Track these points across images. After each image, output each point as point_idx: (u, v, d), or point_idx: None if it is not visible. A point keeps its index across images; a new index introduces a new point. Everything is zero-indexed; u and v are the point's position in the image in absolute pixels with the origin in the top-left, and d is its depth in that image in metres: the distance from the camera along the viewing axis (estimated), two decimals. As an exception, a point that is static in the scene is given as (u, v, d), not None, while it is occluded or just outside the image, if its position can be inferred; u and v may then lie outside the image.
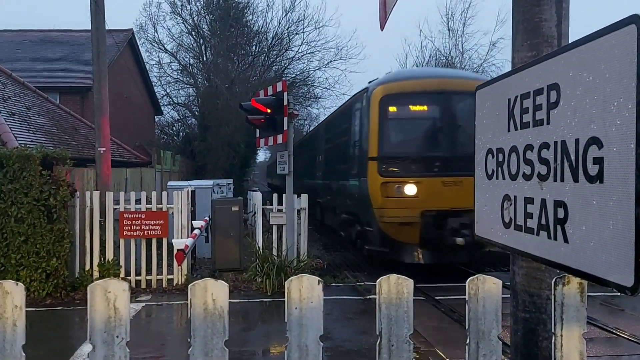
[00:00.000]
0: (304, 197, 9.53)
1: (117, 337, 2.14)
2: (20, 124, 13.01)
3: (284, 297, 2.36)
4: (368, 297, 7.99)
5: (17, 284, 2.10)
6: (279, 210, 9.31)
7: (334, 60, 27.19)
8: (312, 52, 26.56)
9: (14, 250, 7.60)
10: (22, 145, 9.57)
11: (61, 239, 7.84)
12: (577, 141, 1.78)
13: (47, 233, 7.72)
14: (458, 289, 7.47)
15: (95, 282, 2.19)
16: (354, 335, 6.18)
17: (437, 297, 7.87)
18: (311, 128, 31.10)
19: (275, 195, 9.55)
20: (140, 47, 25.59)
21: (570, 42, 2.17)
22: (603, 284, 1.65)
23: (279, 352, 5.75)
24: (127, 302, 2.18)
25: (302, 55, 26.51)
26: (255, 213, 10.08)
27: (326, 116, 17.86)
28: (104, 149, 10.06)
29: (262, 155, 58.33)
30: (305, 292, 2.28)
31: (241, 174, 26.50)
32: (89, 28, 10.37)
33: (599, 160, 1.66)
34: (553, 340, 2.28)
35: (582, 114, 1.76)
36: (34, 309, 7.15)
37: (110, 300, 2.12)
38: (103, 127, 10.10)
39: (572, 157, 1.81)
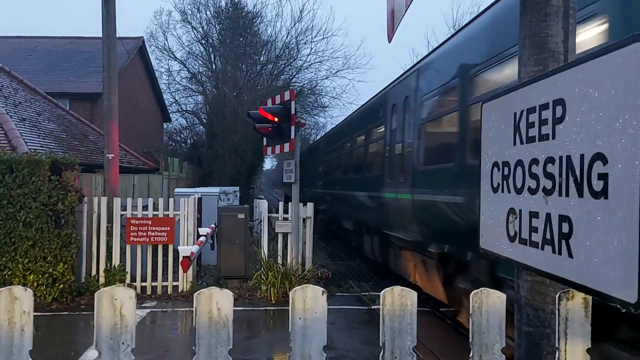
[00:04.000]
0: (310, 205, 9.54)
1: (123, 343, 2.16)
2: (31, 129, 13.14)
3: (289, 306, 2.37)
4: (373, 307, 7.98)
5: (25, 290, 2.13)
6: (285, 219, 9.33)
7: (342, 70, 27.28)
8: (320, 62, 26.65)
9: (22, 254, 7.66)
10: (32, 150, 9.67)
11: (68, 244, 7.90)
12: (582, 157, 1.79)
13: (55, 238, 7.77)
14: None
15: (102, 289, 2.21)
16: (358, 346, 6.16)
17: (442, 309, 7.83)
18: (318, 137, 30.61)
19: (281, 204, 9.58)
20: (150, 54, 25.84)
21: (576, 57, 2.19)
22: (606, 299, 1.65)
23: (282, 361, 5.75)
24: (134, 309, 2.20)
25: (310, 65, 26.62)
26: (261, 221, 10.10)
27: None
28: (113, 155, 10.14)
29: (268, 164, 58.50)
30: (309, 302, 2.29)
31: (248, 182, 26.56)
32: (100, 35, 10.49)
33: (603, 177, 1.67)
34: (557, 355, 2.28)
35: (588, 129, 1.76)
36: (39, 314, 7.19)
37: (116, 307, 2.15)
38: (112, 133, 10.19)
39: (577, 173, 1.81)
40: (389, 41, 3.92)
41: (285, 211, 9.37)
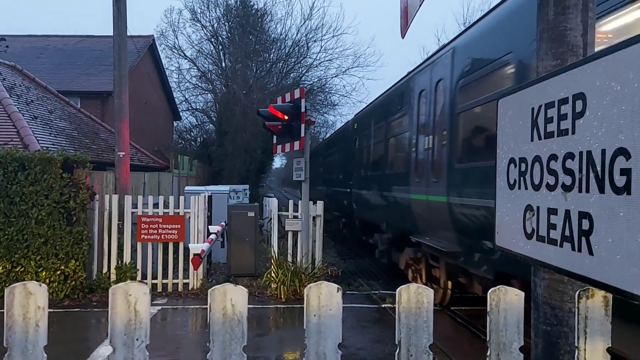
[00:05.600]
0: (320, 204, 9.51)
1: (137, 339, 2.15)
2: (42, 127, 13.24)
3: (298, 304, 2.36)
4: (383, 305, 7.94)
5: (40, 285, 2.13)
6: (295, 217, 9.32)
7: (352, 68, 27.16)
8: (330, 60, 26.59)
9: (34, 251, 7.72)
10: (44, 148, 9.73)
11: (80, 241, 7.94)
12: (603, 152, 1.75)
13: (66, 235, 7.82)
14: (473, 300, 7.39)
15: (116, 285, 2.21)
16: (369, 344, 6.14)
17: (452, 307, 7.79)
18: (327, 135, 30.52)
19: (291, 202, 9.56)
20: (160, 53, 25.93)
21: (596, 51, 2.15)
22: (629, 297, 1.61)
23: (293, 359, 5.74)
24: (148, 305, 2.19)
25: (320, 63, 26.55)
26: (270, 219, 10.10)
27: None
28: (123, 153, 10.18)
29: (278, 162, 58.55)
30: (324, 299, 2.26)
31: (257, 180, 26.58)
32: (111, 34, 10.53)
33: (626, 172, 1.63)
34: (576, 355, 2.24)
35: (609, 124, 1.73)
36: (51, 310, 7.19)
37: (131, 303, 2.14)
38: (123, 131, 10.23)
39: (598, 168, 1.77)
40: (402, 37, 3.90)
41: (295, 209, 9.36)
